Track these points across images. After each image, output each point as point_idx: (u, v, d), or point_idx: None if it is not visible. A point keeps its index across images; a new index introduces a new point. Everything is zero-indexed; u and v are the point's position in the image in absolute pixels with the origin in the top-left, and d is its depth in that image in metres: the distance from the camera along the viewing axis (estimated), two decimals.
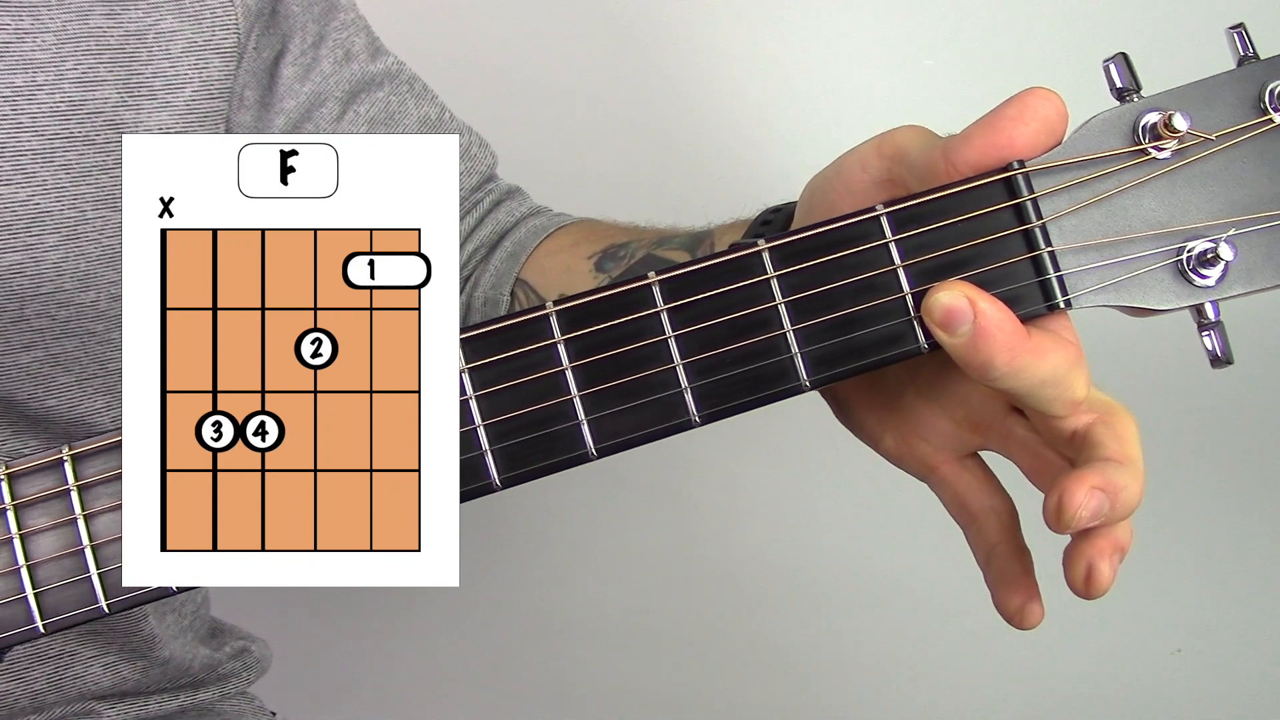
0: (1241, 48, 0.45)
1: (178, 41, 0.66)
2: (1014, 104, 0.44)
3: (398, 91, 0.76)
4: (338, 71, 0.73)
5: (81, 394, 0.67)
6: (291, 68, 0.72)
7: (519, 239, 0.75)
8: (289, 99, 0.71)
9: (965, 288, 0.43)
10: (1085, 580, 0.44)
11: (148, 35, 0.65)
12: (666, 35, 1.13)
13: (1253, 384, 1.12)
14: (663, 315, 0.44)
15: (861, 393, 0.52)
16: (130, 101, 0.64)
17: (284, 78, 0.71)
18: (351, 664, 1.28)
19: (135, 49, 0.64)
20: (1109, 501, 0.42)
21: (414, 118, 0.76)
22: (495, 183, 0.80)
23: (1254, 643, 1.22)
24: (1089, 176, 0.44)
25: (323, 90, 0.72)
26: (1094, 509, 0.42)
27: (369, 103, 0.74)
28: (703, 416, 0.44)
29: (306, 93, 0.72)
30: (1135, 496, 0.43)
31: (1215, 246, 0.44)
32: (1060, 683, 1.22)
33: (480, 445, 0.44)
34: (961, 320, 0.42)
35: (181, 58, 0.66)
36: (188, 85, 0.66)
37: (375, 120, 0.74)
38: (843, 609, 1.24)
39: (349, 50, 0.74)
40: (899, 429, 0.51)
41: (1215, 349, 0.45)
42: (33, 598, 0.45)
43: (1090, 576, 0.44)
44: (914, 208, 0.44)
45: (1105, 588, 0.44)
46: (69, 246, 0.63)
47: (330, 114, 0.73)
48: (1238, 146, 0.44)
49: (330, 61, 0.73)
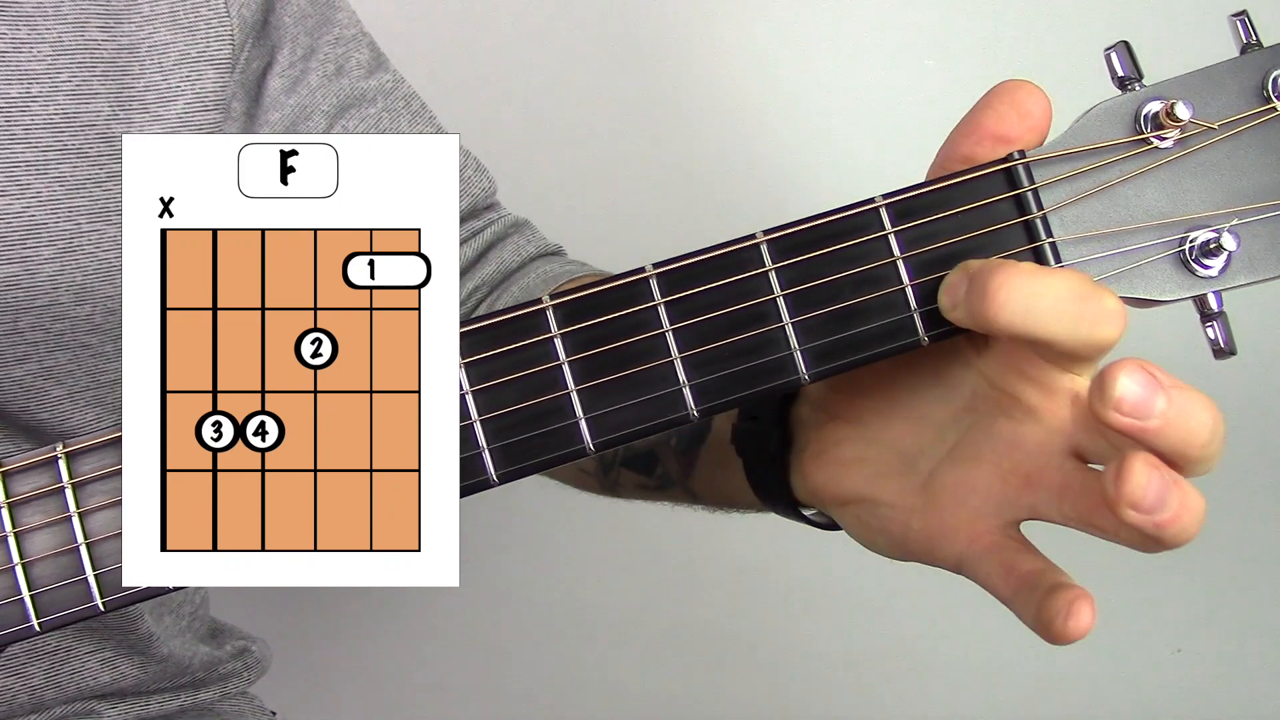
0: (1244, 35, 0.45)
1: (171, 54, 0.65)
2: (984, 96, 0.44)
3: (391, 109, 0.74)
4: (326, 85, 0.72)
5: (73, 407, 0.67)
6: (278, 80, 0.71)
7: (528, 285, 0.73)
8: (274, 111, 0.71)
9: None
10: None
11: (141, 48, 0.64)
12: (665, 36, 1.13)
13: (1253, 384, 1.12)
14: (660, 309, 0.43)
15: (885, 481, 0.48)
16: (122, 115, 0.64)
17: (270, 90, 0.70)
18: (351, 664, 1.28)
19: (128, 62, 0.64)
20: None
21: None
22: (499, 214, 0.79)
23: (1254, 643, 1.22)
24: (1090, 166, 0.44)
25: (309, 104, 0.71)
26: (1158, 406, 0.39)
27: (358, 119, 0.73)
28: (701, 410, 0.44)
29: (292, 105, 0.71)
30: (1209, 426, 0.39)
31: (1218, 236, 0.43)
32: (1060, 683, 1.22)
33: (477, 440, 0.44)
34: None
35: (174, 70, 0.65)
36: (180, 98, 0.66)
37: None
38: (842, 609, 1.24)
39: (341, 65, 0.73)
40: (929, 505, 0.46)
41: (1218, 340, 0.45)
42: (28, 596, 0.45)
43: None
44: (914, 199, 0.43)
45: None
46: (65, 259, 0.62)
47: (316, 128, 0.72)
48: (1240, 135, 0.44)
49: (319, 75, 0.72)
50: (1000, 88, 0.44)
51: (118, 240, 0.64)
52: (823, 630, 1.24)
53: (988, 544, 0.44)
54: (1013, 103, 0.44)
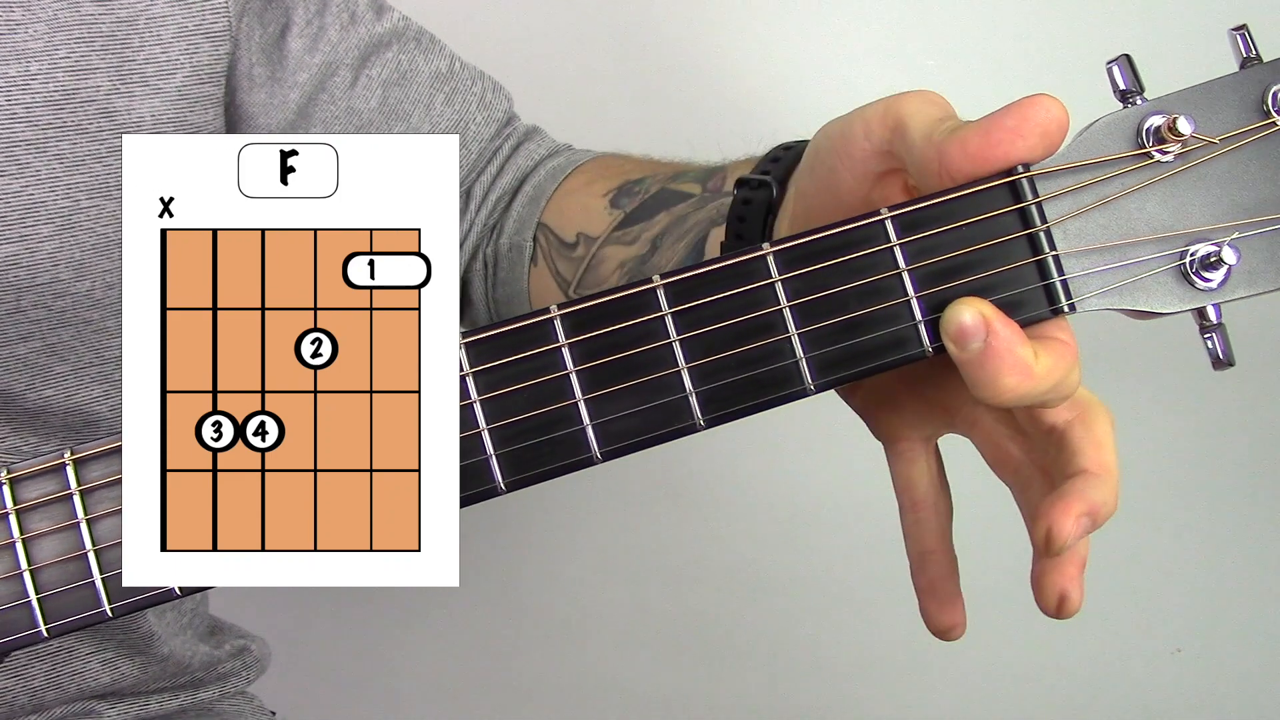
0: (1244, 49, 0.45)
1: (169, 26, 0.65)
2: (1013, 114, 0.43)
3: (406, 49, 0.75)
4: (345, 37, 0.72)
5: (78, 383, 0.67)
6: (299, 40, 0.71)
7: (538, 182, 0.75)
8: (301, 72, 0.71)
9: (984, 305, 0.43)
10: (1058, 607, 0.45)
11: (139, 21, 0.65)
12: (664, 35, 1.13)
13: (1253, 385, 1.12)
14: (667, 319, 0.44)
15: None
16: (123, 89, 0.64)
17: (293, 50, 0.71)
18: (351, 663, 1.28)
19: (127, 35, 0.64)
20: (1091, 522, 0.44)
21: (425, 74, 0.75)
22: (514, 125, 0.80)
23: (1254, 643, 1.22)
24: (1093, 180, 0.44)
25: (333, 59, 0.72)
26: (1080, 533, 0.44)
27: (379, 64, 0.73)
28: (707, 420, 0.44)
29: (318, 64, 0.71)
30: (1112, 508, 0.45)
31: (1218, 250, 0.44)
32: (1060, 683, 1.22)
33: (485, 449, 0.44)
34: (973, 337, 0.43)
35: (172, 43, 0.66)
36: (179, 71, 0.66)
37: (388, 82, 0.73)
38: (842, 609, 1.24)
39: (354, 12, 0.73)
40: (871, 393, 0.52)
41: (1217, 351, 0.45)
42: (35, 602, 0.45)
43: (1063, 604, 0.45)
44: (919, 211, 0.44)
45: (1078, 608, 0.46)
46: (64, 236, 0.63)
47: (344, 82, 0.72)
48: (1241, 149, 0.44)
49: (337, 28, 0.72)
50: (1029, 114, 0.43)
51: (117, 215, 0.64)
52: (823, 630, 1.24)
53: (902, 449, 0.51)
54: (1041, 135, 0.43)
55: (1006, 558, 1.02)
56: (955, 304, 0.43)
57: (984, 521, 1.07)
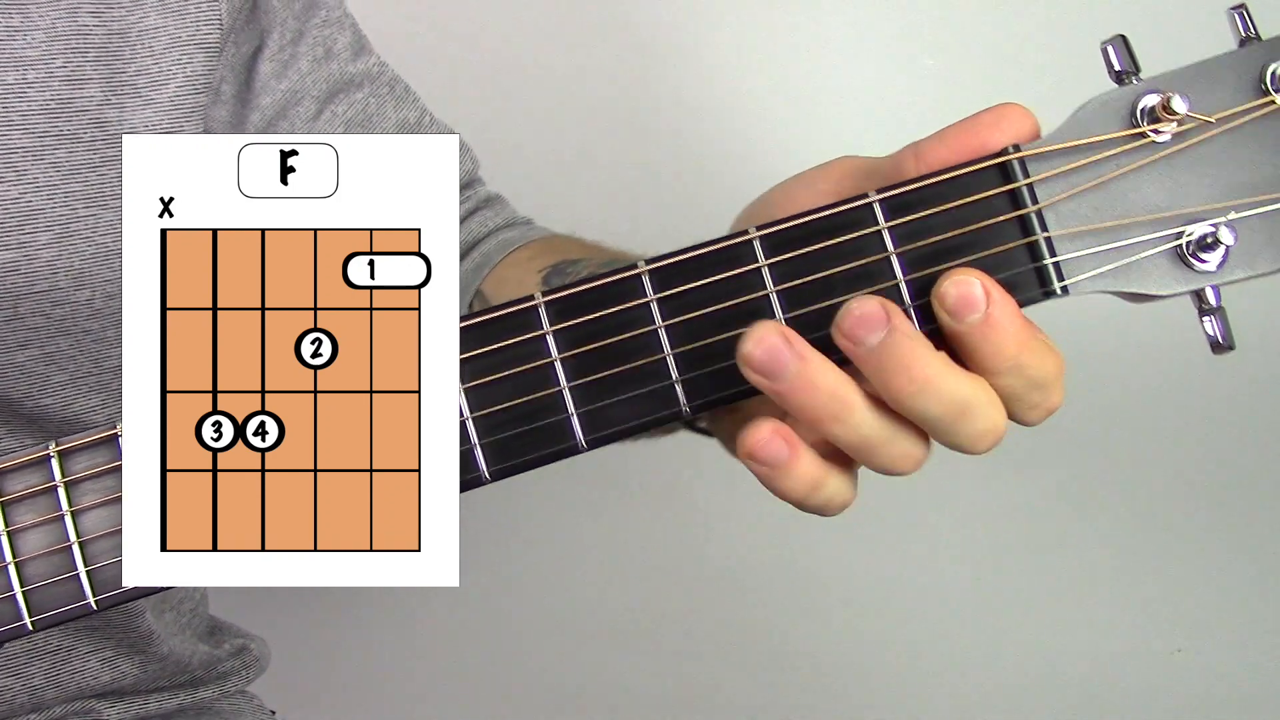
0: (1243, 28, 0.44)
1: (161, 38, 0.66)
2: (991, 111, 0.43)
3: (377, 94, 0.75)
4: (316, 70, 0.72)
5: (76, 392, 0.67)
6: (269, 64, 0.71)
7: (487, 251, 0.75)
8: (265, 95, 0.71)
9: (982, 275, 0.42)
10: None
11: (131, 33, 0.65)
12: (663, 35, 1.13)
13: (1252, 384, 1.12)
14: (653, 305, 0.43)
15: None
16: (114, 100, 0.64)
17: (261, 74, 0.71)
18: (351, 663, 1.29)
19: (119, 47, 0.64)
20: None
21: (392, 121, 0.76)
22: (474, 189, 0.80)
23: (1254, 643, 1.22)
24: (1086, 161, 0.43)
25: (299, 89, 0.72)
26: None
27: (346, 103, 0.74)
28: (693, 407, 0.44)
29: (283, 90, 0.71)
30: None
31: (1215, 231, 0.43)
32: (1060, 683, 1.22)
33: (470, 438, 0.44)
34: (975, 309, 0.41)
35: (165, 54, 0.66)
36: (171, 81, 0.66)
37: (351, 122, 0.74)
38: (842, 609, 1.24)
39: (329, 49, 0.73)
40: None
41: (1216, 334, 0.44)
42: (20, 595, 0.45)
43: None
44: (908, 194, 0.43)
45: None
46: (62, 244, 0.63)
47: (306, 113, 0.72)
48: (1238, 129, 0.43)
49: (309, 60, 0.72)
50: (1006, 113, 0.43)
51: (114, 225, 0.64)
52: (822, 630, 1.24)
53: None
54: (1017, 134, 0.43)
55: (1006, 559, 1.02)
56: (952, 274, 0.41)
57: (983, 523, 1.07)
